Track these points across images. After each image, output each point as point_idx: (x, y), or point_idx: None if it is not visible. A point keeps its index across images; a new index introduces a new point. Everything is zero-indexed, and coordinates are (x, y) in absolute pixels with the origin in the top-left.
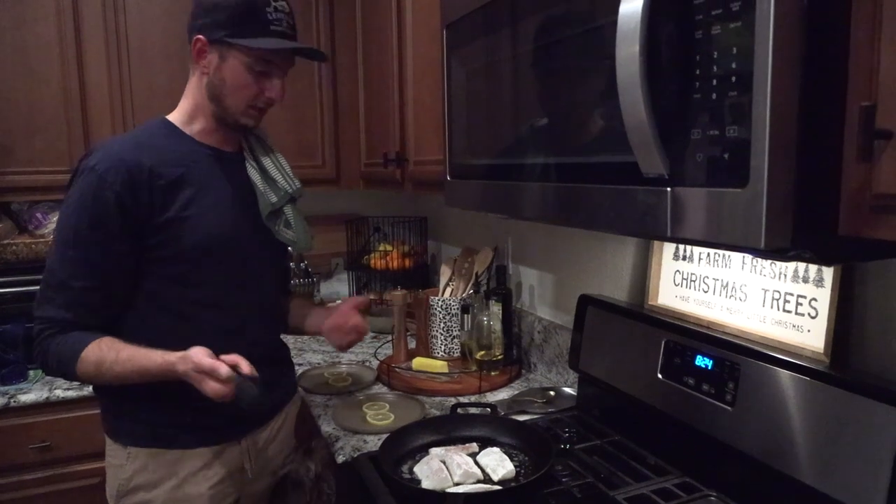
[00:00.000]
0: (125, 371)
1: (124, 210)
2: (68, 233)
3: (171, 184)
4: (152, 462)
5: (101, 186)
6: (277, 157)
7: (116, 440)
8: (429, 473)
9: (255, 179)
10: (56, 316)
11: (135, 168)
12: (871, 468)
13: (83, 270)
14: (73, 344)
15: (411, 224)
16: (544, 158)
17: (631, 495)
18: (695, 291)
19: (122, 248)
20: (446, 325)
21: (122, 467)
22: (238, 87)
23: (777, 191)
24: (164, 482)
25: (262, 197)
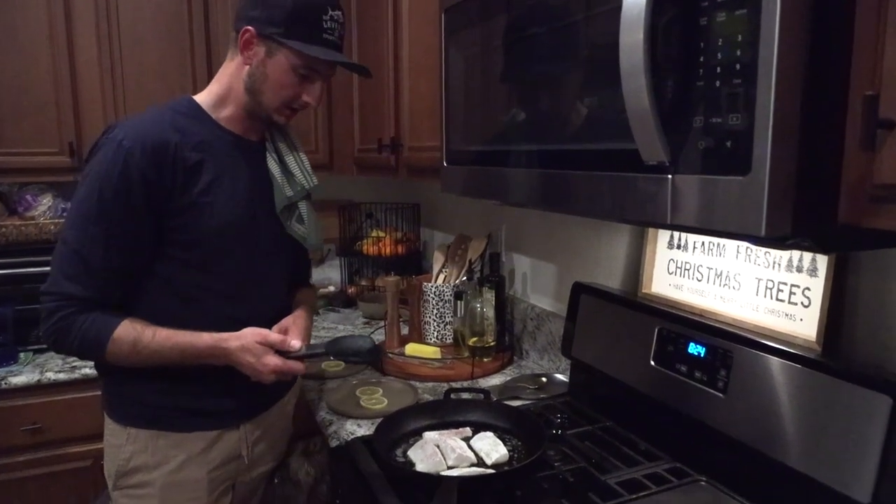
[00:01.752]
0: (163, 349)
1: (149, 188)
2: (90, 207)
3: (194, 166)
4: (152, 444)
5: (127, 162)
6: (298, 151)
7: (116, 420)
8: (423, 457)
9: (274, 171)
10: (75, 293)
11: (160, 146)
12: (860, 455)
13: (105, 247)
14: (101, 324)
15: (404, 211)
16: (542, 145)
17: (622, 480)
18: (688, 280)
19: (144, 228)
20: (439, 311)
21: (121, 447)
22: (279, 86)
23: (778, 179)
24: (163, 465)
25: (278, 190)
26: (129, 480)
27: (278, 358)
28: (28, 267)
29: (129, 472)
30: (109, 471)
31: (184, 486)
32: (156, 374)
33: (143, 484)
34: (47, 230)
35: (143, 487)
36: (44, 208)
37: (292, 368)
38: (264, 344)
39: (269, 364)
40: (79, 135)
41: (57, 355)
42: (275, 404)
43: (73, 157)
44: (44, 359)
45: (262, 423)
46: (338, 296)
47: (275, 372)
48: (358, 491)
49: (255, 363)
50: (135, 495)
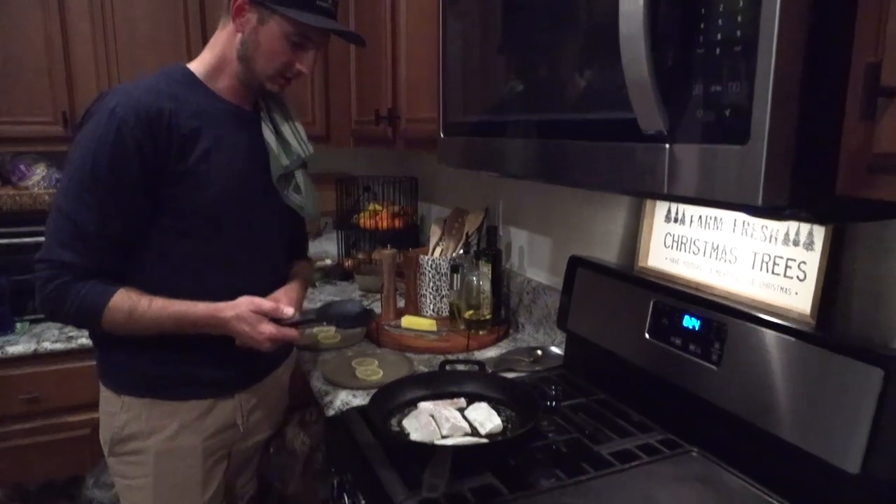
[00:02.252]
0: (160, 318)
1: (143, 156)
2: (84, 175)
3: (189, 135)
4: (146, 411)
5: (121, 130)
6: (293, 120)
7: (111, 389)
8: (417, 426)
9: (270, 141)
10: (69, 260)
11: (155, 115)
12: (850, 427)
13: (100, 215)
14: (97, 292)
15: (401, 184)
16: (540, 115)
17: (615, 450)
18: (685, 254)
19: (139, 196)
20: (435, 284)
21: (115, 415)
22: (271, 54)
23: (777, 148)
24: (158, 432)
25: (274, 159)
26: (124, 447)
27: (273, 326)
28: (23, 237)
29: (124, 440)
30: (105, 438)
31: (178, 453)
32: (150, 342)
33: (137, 451)
34: (42, 200)
35: (137, 454)
36: (38, 178)
37: (287, 335)
38: (258, 312)
39: (264, 332)
40: (72, 104)
41: (53, 325)
42: (270, 374)
43: (66, 126)
44: (40, 329)
45: (258, 392)
46: (334, 269)
47: (270, 340)
48: (353, 460)
49: (250, 332)
50: (130, 462)
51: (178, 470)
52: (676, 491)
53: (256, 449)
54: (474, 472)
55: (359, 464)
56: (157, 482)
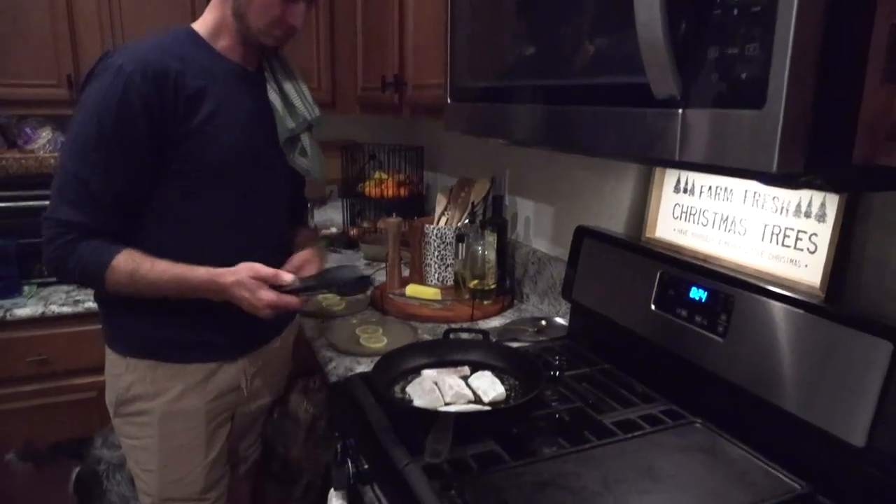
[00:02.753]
0: (160, 280)
1: (150, 115)
2: (90, 133)
3: (195, 95)
4: (151, 373)
5: (127, 88)
6: (299, 82)
7: (116, 350)
8: (421, 393)
9: (276, 102)
10: (74, 219)
11: (161, 73)
12: (856, 400)
13: (106, 174)
14: (101, 252)
15: (407, 153)
16: (549, 80)
17: (617, 420)
18: (693, 225)
19: (145, 155)
20: (441, 253)
21: (120, 377)
22: (262, 7)
23: (794, 113)
24: (163, 394)
25: (280, 122)
26: (128, 408)
27: (273, 292)
28: (30, 200)
29: (129, 401)
30: (110, 399)
31: (182, 415)
32: (155, 305)
33: (142, 412)
34: (47, 164)
35: (142, 415)
36: (43, 141)
37: (288, 303)
38: (257, 278)
39: (263, 299)
40: (76, 67)
41: (61, 289)
42: (274, 339)
43: (70, 89)
44: (48, 292)
45: (261, 356)
46: (339, 237)
47: (269, 307)
48: (356, 426)
49: (249, 298)
50: (135, 423)
51: (182, 431)
52: (679, 460)
53: (260, 413)
54: (477, 439)
55: (362, 429)
56: (162, 443)
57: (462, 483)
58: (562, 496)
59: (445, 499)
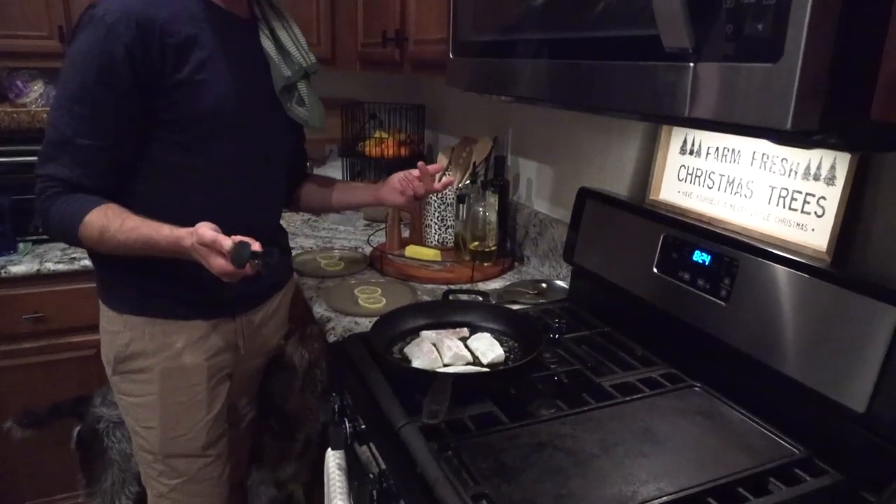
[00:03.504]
0: (128, 240)
1: (135, 65)
2: (74, 87)
3: (184, 43)
4: (149, 330)
5: (109, 39)
6: (291, 26)
7: (112, 307)
8: (419, 354)
9: (269, 50)
10: (60, 174)
11: (146, 22)
12: (859, 365)
13: (91, 127)
14: (77, 206)
15: (408, 112)
16: (554, 33)
17: (616, 383)
18: (698, 187)
19: (132, 107)
20: (441, 214)
21: (118, 334)
22: None
23: (811, 67)
24: (162, 350)
25: (276, 69)
26: (128, 366)
27: (223, 259)
28: (23, 156)
29: (129, 358)
30: (108, 356)
31: (183, 371)
32: (149, 261)
33: (142, 369)
34: (40, 118)
35: (142, 372)
36: (35, 95)
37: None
38: (202, 244)
39: (214, 266)
40: (68, 18)
41: (56, 246)
42: (271, 297)
43: (62, 41)
44: (43, 249)
45: (258, 314)
46: None
47: (223, 274)
48: (354, 385)
49: (205, 264)
50: (135, 380)
51: (184, 388)
52: (677, 424)
53: (258, 371)
54: (475, 400)
55: (360, 389)
56: (163, 399)
57: (459, 444)
58: (559, 458)
59: (442, 459)
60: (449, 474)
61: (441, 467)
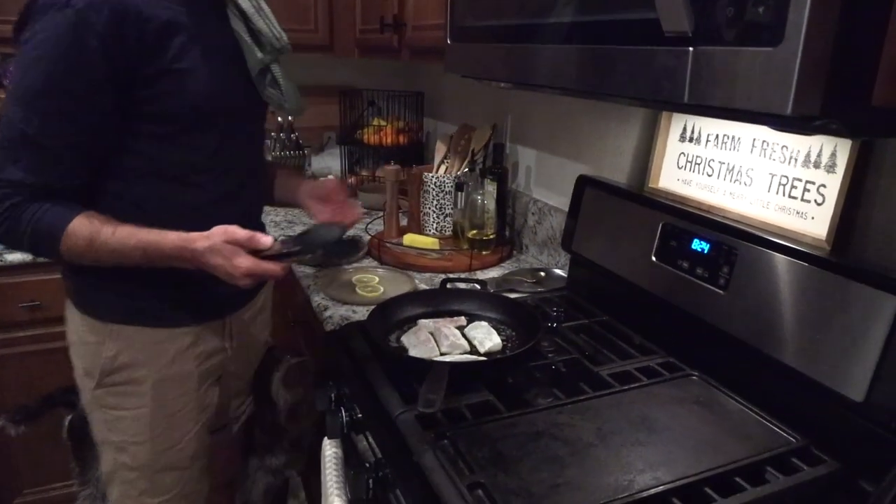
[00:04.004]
0: (125, 248)
1: (110, 57)
2: (37, 79)
3: (163, 27)
4: (139, 339)
5: (80, 28)
6: (261, 4)
7: (95, 317)
8: (416, 343)
9: (240, 30)
10: (22, 179)
11: (119, 6)
12: (858, 354)
13: (59, 125)
14: (54, 216)
15: (407, 99)
16: (552, 17)
17: (614, 372)
18: (698, 175)
19: (106, 102)
20: (439, 202)
21: (102, 345)
22: None
23: (813, 50)
24: (154, 360)
25: (249, 51)
26: (116, 378)
27: (250, 259)
28: None
29: (117, 370)
30: (89, 369)
31: (176, 380)
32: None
33: (133, 381)
34: None
35: (133, 384)
36: None
37: (267, 271)
38: (232, 242)
39: (240, 266)
40: None
41: None
42: (257, 295)
43: None
44: None
45: (246, 313)
46: None
47: (248, 275)
48: (350, 374)
49: (225, 265)
50: (125, 392)
51: (176, 398)
52: (673, 412)
53: (247, 370)
54: (472, 389)
55: (356, 378)
56: (155, 410)
57: (455, 432)
58: (555, 447)
59: (438, 448)
60: (445, 463)
61: (437, 456)
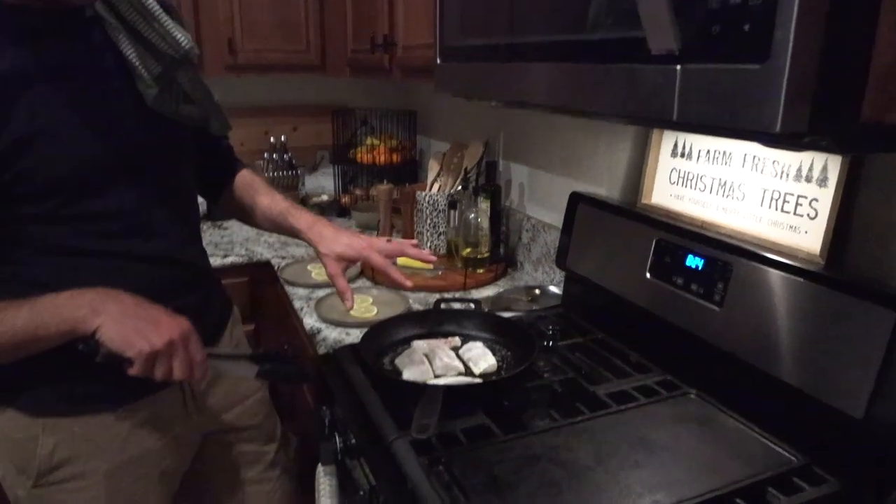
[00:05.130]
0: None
1: None
2: None
3: (4, 82)
4: (81, 429)
5: None
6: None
7: (21, 410)
8: (410, 365)
9: (125, 49)
10: None
11: None
12: (857, 370)
13: None
14: None
15: (400, 117)
16: (542, 37)
17: (611, 391)
18: (690, 190)
19: None
20: (433, 221)
21: (34, 440)
22: None
23: (800, 67)
24: (103, 449)
25: (140, 76)
26: (58, 475)
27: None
28: None
29: (58, 466)
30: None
31: (133, 462)
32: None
33: (80, 475)
34: None
35: (79, 479)
36: None
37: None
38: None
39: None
40: None
41: None
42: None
43: None
44: None
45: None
46: (331, 205)
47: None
48: (344, 398)
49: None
50: (70, 489)
51: (135, 481)
52: (673, 432)
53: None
54: (467, 412)
55: (350, 403)
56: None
57: (451, 458)
58: (553, 470)
59: (433, 474)
60: (440, 490)
61: (432, 483)
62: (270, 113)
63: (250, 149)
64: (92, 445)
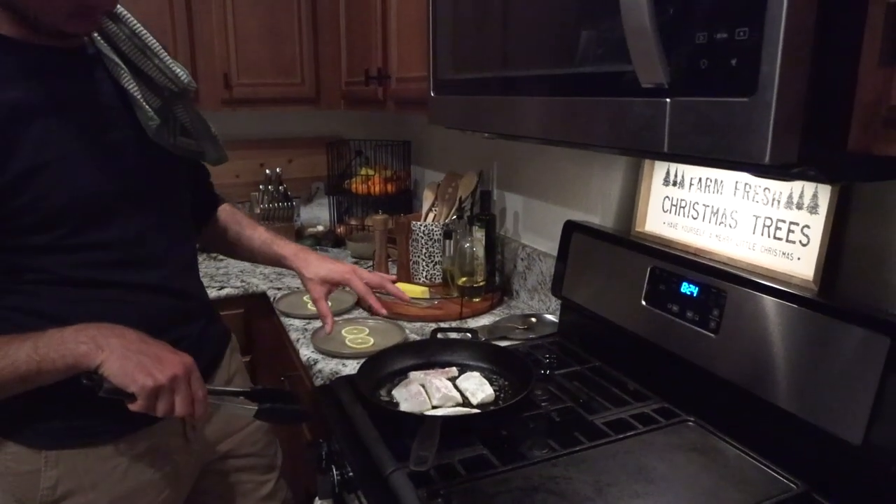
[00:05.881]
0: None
1: None
2: None
3: (10, 115)
4: (83, 462)
5: None
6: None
7: (23, 443)
8: (407, 396)
9: (127, 83)
10: None
11: None
12: (853, 396)
13: None
14: None
15: (394, 148)
16: (534, 70)
17: (609, 420)
18: (683, 218)
19: None
20: (428, 250)
21: (36, 473)
22: None
23: (787, 100)
24: (105, 481)
25: (141, 108)
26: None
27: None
28: None
29: (60, 499)
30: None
31: (136, 492)
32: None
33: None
34: None
35: None
36: None
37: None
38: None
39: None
40: None
41: None
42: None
43: None
44: None
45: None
46: (327, 235)
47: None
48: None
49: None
50: None
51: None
52: (672, 461)
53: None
54: (465, 443)
55: (347, 434)
56: None
57: (449, 490)
58: (552, 501)
59: None
60: None
61: None
62: (266, 145)
63: (246, 181)
64: (93, 477)
